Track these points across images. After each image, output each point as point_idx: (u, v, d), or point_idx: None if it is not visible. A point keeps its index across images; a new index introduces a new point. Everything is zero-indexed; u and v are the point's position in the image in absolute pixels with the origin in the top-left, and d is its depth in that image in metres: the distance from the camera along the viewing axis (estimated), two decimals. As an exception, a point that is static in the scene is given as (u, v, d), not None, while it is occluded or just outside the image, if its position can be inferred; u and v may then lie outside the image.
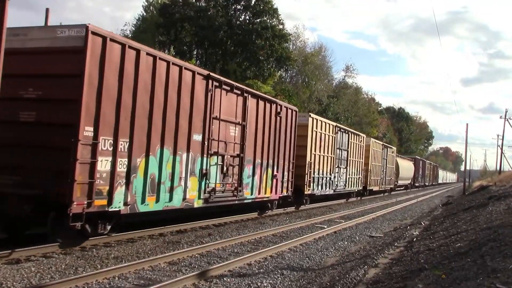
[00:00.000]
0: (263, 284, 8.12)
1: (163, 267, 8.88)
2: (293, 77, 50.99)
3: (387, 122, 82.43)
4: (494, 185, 33.14)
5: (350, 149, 27.23)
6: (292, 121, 18.64)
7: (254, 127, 15.53)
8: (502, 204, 16.22)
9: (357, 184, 29.47)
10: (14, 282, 7.27)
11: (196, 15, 39.18)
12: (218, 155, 13.52)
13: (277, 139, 17.24)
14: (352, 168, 27.86)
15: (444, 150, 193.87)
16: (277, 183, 17.47)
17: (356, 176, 29.03)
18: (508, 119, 53.47)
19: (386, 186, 40.15)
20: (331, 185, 24.13)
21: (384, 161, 38.31)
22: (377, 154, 35.45)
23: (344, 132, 26.56)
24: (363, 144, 30.72)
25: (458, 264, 7.13)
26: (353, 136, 28.21)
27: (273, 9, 40.37)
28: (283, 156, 17.93)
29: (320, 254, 11.23)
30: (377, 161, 35.65)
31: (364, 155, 30.67)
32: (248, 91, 15.28)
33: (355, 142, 28.36)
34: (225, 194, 14.14)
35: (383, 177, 38.25)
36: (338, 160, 24.93)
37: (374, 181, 34.95)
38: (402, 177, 48.29)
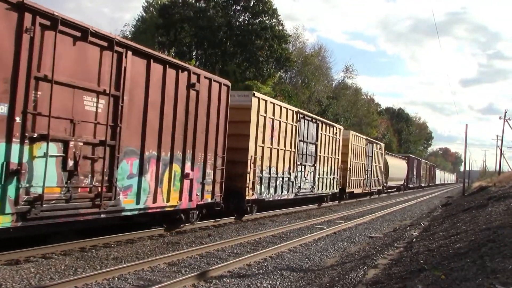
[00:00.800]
0: (262, 284, 8.12)
1: (162, 268, 8.88)
2: (293, 78, 51.01)
3: (387, 122, 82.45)
4: (494, 186, 33.14)
5: (321, 142, 22.62)
6: (221, 99, 13.63)
7: (142, 101, 10.54)
8: (502, 204, 16.22)
9: (331, 185, 24.67)
10: (13, 283, 7.27)
11: (196, 16, 39.19)
12: (52, 140, 8.32)
13: (191, 123, 12.17)
14: (323, 167, 23.19)
15: (443, 150, 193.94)
16: (193, 185, 12.42)
17: (330, 176, 24.23)
18: (507, 120, 53.50)
19: (372, 187, 35.16)
20: (291, 187, 19.25)
21: (369, 159, 33.32)
22: (359, 151, 30.33)
23: (311, 120, 21.45)
24: (339, 138, 25.66)
25: (458, 264, 7.14)
26: (325, 127, 23.31)
27: (272, 10, 40.39)
28: (204, 148, 12.93)
29: (320, 255, 11.23)
30: (360, 158, 30.54)
31: (340, 150, 25.84)
32: (127, 45, 10.07)
33: (327, 135, 23.60)
34: (73, 205, 8.84)
35: (367, 178, 33.15)
36: (302, 156, 20.23)
37: (356, 182, 29.90)
38: (392, 178, 43.09)
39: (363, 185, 32.04)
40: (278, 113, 17.68)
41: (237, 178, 15.30)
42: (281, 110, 18.00)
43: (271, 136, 17.17)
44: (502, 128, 62.42)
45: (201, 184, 12.89)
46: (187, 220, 12.96)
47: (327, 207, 24.82)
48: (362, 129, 60.46)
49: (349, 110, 57.92)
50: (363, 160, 31.54)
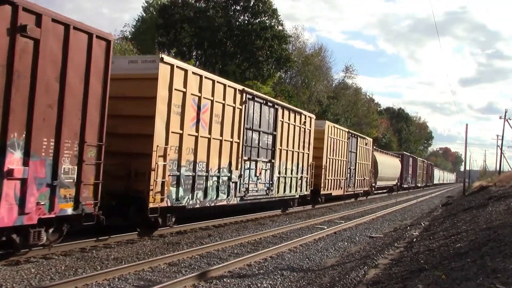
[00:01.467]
0: (263, 285, 8.12)
1: (163, 268, 8.88)
2: (293, 78, 50.99)
3: (387, 122, 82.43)
4: (494, 186, 33.13)
5: (282, 133, 18.02)
6: (92, 59, 9.09)
7: None
8: (502, 204, 16.22)
9: (298, 187, 20.10)
10: (14, 284, 7.27)
11: (196, 16, 39.16)
12: None
13: (21, 89, 7.78)
14: (286, 163, 18.57)
15: (443, 150, 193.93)
16: (26, 188, 7.83)
17: (296, 176, 19.68)
18: (507, 119, 53.47)
19: (357, 188, 30.30)
20: (234, 189, 14.74)
21: (351, 155, 28.41)
22: (338, 145, 25.42)
23: (266, 104, 16.57)
24: (310, 128, 21.05)
25: (458, 264, 7.13)
26: (288, 114, 18.59)
27: (272, 10, 40.36)
28: (56, 130, 8.48)
29: (320, 255, 11.23)
30: (339, 154, 25.66)
31: (311, 144, 21.27)
32: None
33: (291, 123, 18.93)
34: None
35: (350, 177, 28.17)
36: (251, 148, 15.71)
37: (334, 182, 25.09)
38: (383, 177, 38.53)
39: (345, 186, 27.03)
40: (209, 89, 13.08)
41: (137, 178, 11.18)
42: (215, 86, 13.27)
43: (197, 120, 12.56)
44: (502, 127, 62.38)
45: (48, 187, 8.31)
46: (25, 245, 8.37)
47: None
48: (362, 129, 60.41)
49: (349, 110, 57.89)
50: (344, 157, 26.58)
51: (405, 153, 54.53)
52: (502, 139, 56.99)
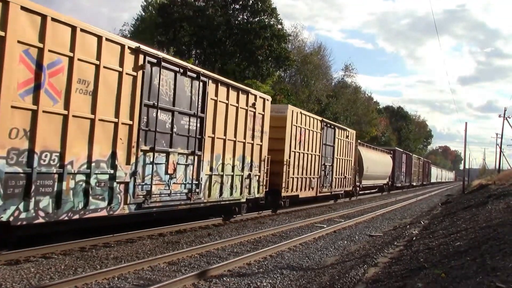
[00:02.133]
0: (262, 283, 8.12)
1: (162, 267, 8.87)
2: (292, 77, 50.97)
3: (386, 121, 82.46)
4: (493, 184, 33.14)
5: (216, 115, 13.59)
6: None
7: None
8: (502, 202, 16.23)
9: (245, 188, 15.48)
10: (13, 283, 7.26)
11: (195, 15, 39.14)
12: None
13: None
14: (223, 157, 14.06)
15: (443, 149, 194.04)
16: None
17: (241, 173, 15.12)
18: (507, 118, 53.49)
19: (336, 188, 25.75)
20: (123, 193, 10.34)
21: (327, 150, 23.91)
22: (308, 136, 21.08)
23: (183, 73, 12.09)
24: (264, 113, 16.45)
25: (458, 263, 7.13)
26: (222, 89, 13.94)
27: (271, 9, 40.34)
28: None
29: (320, 254, 11.23)
30: (309, 147, 21.28)
31: (266, 133, 16.76)
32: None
33: (230, 104, 14.31)
34: None
35: (325, 176, 23.77)
36: (153, 134, 11.12)
37: (303, 181, 20.65)
38: (370, 175, 34.12)
39: (318, 186, 22.66)
40: (66, 40, 8.84)
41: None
42: (76, 36, 8.95)
43: (35, 86, 8.32)
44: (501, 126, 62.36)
45: None
46: None
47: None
48: (362, 127, 60.43)
49: (349, 109, 57.88)
50: (316, 150, 22.20)
51: (397, 149, 49.00)
52: (502, 137, 57.07)
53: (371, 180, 35.40)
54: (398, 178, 46.73)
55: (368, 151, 34.66)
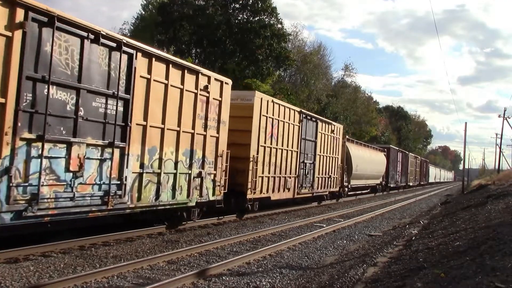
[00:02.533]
0: (262, 283, 8.12)
1: (162, 266, 8.87)
2: (292, 76, 50.96)
3: (386, 121, 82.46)
4: (493, 184, 33.16)
5: (148, 98, 10.87)
6: None
7: None
8: (501, 203, 16.23)
9: (195, 189, 12.77)
10: (12, 281, 7.26)
11: (195, 14, 39.12)
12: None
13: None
14: (161, 151, 11.36)
15: (443, 149, 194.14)
16: None
17: (188, 171, 12.39)
18: (507, 118, 53.51)
19: (318, 189, 22.94)
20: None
21: (308, 145, 21.12)
22: (282, 129, 18.31)
23: (87, 37, 9.09)
24: (221, 99, 13.73)
25: (457, 262, 7.13)
26: (157, 65, 11.11)
27: (271, 8, 40.33)
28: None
29: (319, 253, 11.23)
30: (284, 142, 18.49)
31: (224, 123, 13.95)
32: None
33: (171, 84, 11.54)
34: None
35: (304, 175, 20.89)
36: (41, 117, 8.30)
37: (275, 181, 17.86)
38: (360, 175, 31.25)
39: (295, 186, 19.91)
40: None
41: None
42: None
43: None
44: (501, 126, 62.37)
45: None
46: None
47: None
48: (362, 127, 60.45)
49: (349, 108, 57.87)
50: (293, 146, 19.47)
51: (392, 147, 45.72)
52: (501, 137, 57.12)
53: (361, 180, 32.58)
54: (393, 178, 43.90)
55: (358, 148, 31.85)
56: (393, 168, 43.50)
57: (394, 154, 43.97)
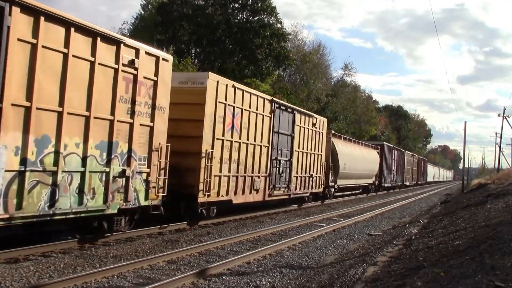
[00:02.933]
0: (262, 282, 8.12)
1: (162, 266, 8.88)
2: (292, 76, 50.96)
3: (386, 120, 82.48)
4: (493, 183, 33.17)
5: (15, 68, 7.86)
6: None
7: None
8: (501, 202, 16.24)
9: (117, 193, 10.14)
10: (12, 282, 7.26)
11: (194, 14, 39.11)
12: None
13: None
14: (57, 142, 8.66)
15: (442, 148, 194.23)
16: None
17: (101, 170, 9.70)
18: (506, 117, 53.52)
19: (297, 190, 20.27)
20: None
21: (282, 140, 18.38)
22: (247, 120, 15.67)
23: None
24: (155, 78, 11.09)
25: (457, 262, 7.13)
26: (60, 32, 8.62)
27: (271, 8, 40.32)
28: None
29: (319, 252, 11.23)
30: (249, 136, 15.81)
31: (160, 109, 11.41)
32: None
33: (74, 56, 8.91)
34: None
35: (278, 174, 18.11)
36: None
37: (238, 182, 15.25)
38: (349, 174, 28.55)
39: (266, 187, 17.19)
40: None
41: None
42: None
43: None
44: (501, 125, 62.38)
45: None
46: None
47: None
48: (361, 126, 60.49)
49: (348, 108, 57.88)
50: (263, 140, 16.67)
51: (386, 144, 42.49)
52: (501, 136, 57.16)
53: (351, 180, 29.77)
54: (387, 177, 41.05)
55: (346, 145, 29.03)
56: (388, 167, 41.15)
57: (388, 152, 41.36)
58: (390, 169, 42.37)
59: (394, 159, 43.86)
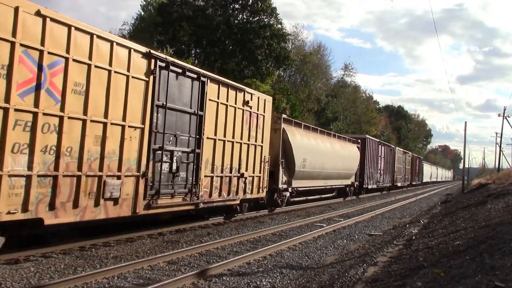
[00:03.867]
0: (262, 283, 8.13)
1: (162, 267, 8.88)
2: (292, 76, 50.99)
3: (386, 120, 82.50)
4: (493, 183, 33.17)
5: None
6: None
7: None
8: (501, 202, 16.24)
9: None
10: (13, 282, 7.27)
11: (194, 14, 39.13)
12: None
13: None
14: None
15: (443, 148, 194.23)
16: None
17: None
18: (506, 117, 53.52)
19: (211, 197, 13.76)
20: None
21: (177, 120, 12.22)
22: (84, 78, 9.23)
23: None
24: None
25: (457, 262, 7.14)
26: None
27: (271, 8, 40.34)
28: None
29: (319, 253, 11.24)
30: (93, 107, 9.44)
31: None
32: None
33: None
34: None
35: (169, 173, 11.91)
36: None
37: (56, 187, 8.65)
38: (311, 173, 22.04)
39: (138, 194, 10.77)
40: None
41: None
42: None
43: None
44: (501, 125, 62.36)
45: None
46: None
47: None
48: (362, 126, 60.48)
49: (348, 108, 57.89)
50: (127, 117, 10.41)
51: (369, 137, 35.81)
52: (501, 136, 57.13)
53: (316, 181, 23.27)
54: (371, 177, 34.82)
55: (307, 135, 21.78)
56: (372, 165, 34.94)
57: (372, 147, 35.01)
58: (375, 167, 36.28)
59: (381, 156, 37.98)
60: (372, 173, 35.13)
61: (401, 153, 48.86)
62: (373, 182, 35.87)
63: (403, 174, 49.69)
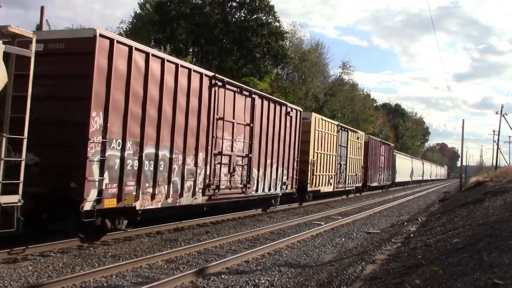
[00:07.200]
0: (260, 281, 8.13)
1: (160, 265, 8.88)
2: (290, 74, 50.95)
3: (383, 118, 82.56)
4: (491, 181, 33.21)
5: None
6: None
7: None
8: (499, 199, 16.27)
9: None
10: (11, 281, 7.25)
11: (192, 13, 39.06)
12: None
13: None
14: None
15: (440, 146, 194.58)
16: None
17: None
18: (504, 115, 53.62)
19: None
20: None
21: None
22: None
23: None
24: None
25: (455, 259, 7.15)
26: None
27: (269, 6, 40.29)
28: None
29: (318, 251, 11.25)
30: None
31: None
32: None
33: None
34: None
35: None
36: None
37: None
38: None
39: None
40: None
41: None
42: None
43: None
44: (498, 123, 62.43)
45: None
46: None
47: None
48: (359, 124, 60.46)
49: (346, 106, 57.90)
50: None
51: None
52: (499, 134, 57.19)
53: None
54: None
55: None
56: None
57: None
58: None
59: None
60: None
61: (355, 138, 30.06)
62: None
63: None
